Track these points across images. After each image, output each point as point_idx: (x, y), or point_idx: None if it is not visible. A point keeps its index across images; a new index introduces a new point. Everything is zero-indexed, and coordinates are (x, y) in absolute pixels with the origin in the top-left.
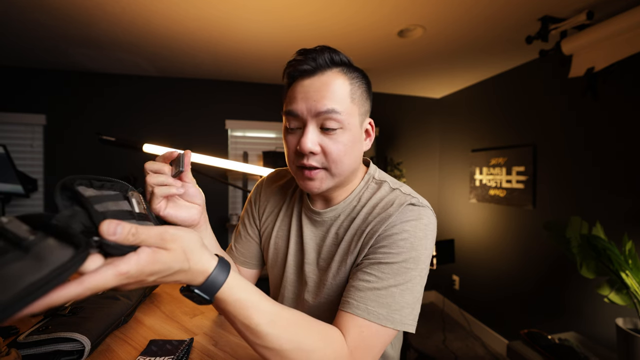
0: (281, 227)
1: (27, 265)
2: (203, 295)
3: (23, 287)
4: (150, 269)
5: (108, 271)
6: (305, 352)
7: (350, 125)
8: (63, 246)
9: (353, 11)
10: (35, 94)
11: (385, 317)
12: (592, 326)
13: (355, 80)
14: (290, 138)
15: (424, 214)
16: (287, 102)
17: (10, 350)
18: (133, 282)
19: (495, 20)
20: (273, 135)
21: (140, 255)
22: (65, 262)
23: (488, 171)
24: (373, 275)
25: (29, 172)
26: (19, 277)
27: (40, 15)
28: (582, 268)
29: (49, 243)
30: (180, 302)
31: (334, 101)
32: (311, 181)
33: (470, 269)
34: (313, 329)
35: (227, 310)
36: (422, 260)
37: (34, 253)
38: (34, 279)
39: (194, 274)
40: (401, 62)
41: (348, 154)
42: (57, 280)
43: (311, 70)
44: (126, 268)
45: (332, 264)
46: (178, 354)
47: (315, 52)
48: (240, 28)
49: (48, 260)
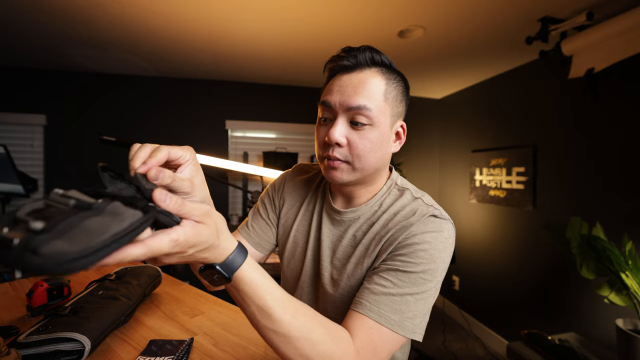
0: (302, 222)
1: (107, 220)
2: (223, 272)
3: (110, 235)
4: (193, 240)
5: (164, 237)
6: (311, 342)
7: (380, 124)
8: (129, 209)
9: (353, 12)
10: (36, 94)
11: (398, 324)
12: (592, 327)
13: (392, 81)
14: (321, 129)
15: (445, 227)
16: (323, 94)
17: (10, 350)
18: (177, 252)
19: (495, 21)
20: (273, 136)
21: (186, 226)
22: (140, 218)
23: (488, 172)
24: (390, 281)
25: (29, 172)
26: (103, 228)
27: (40, 15)
28: (582, 269)
29: (120, 205)
30: (180, 302)
31: (367, 98)
32: (334, 170)
33: (470, 270)
34: (322, 323)
35: (243, 290)
36: (439, 273)
37: (109, 211)
38: (119, 229)
39: (221, 251)
40: (401, 62)
41: (373, 151)
42: (138, 230)
43: (351, 66)
44: (176, 236)
45: (347, 265)
46: (178, 354)
47: (358, 50)
48: (240, 28)
49: (125, 215)
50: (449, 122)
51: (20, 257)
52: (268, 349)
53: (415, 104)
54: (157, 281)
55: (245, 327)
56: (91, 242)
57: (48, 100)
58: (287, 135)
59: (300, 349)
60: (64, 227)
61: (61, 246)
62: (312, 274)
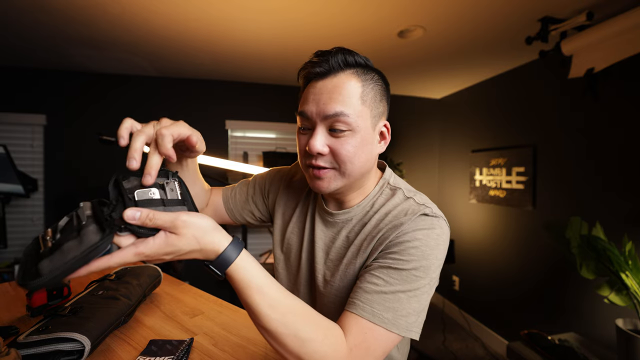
0: (296, 224)
1: (75, 244)
2: (215, 270)
3: (69, 259)
4: (164, 250)
5: (130, 250)
6: (300, 340)
7: (360, 128)
8: (97, 230)
9: (353, 12)
10: (36, 94)
11: (391, 322)
12: (592, 327)
13: (368, 82)
14: (302, 138)
15: (437, 224)
16: (300, 103)
17: (10, 350)
18: (152, 260)
19: (495, 21)
20: (273, 136)
21: (156, 239)
22: (95, 243)
23: (488, 172)
24: (381, 278)
25: (30, 172)
26: (68, 252)
27: (40, 15)
28: (582, 269)
29: (90, 228)
30: (180, 302)
31: (343, 104)
32: (320, 180)
33: (470, 270)
34: (313, 320)
35: (235, 287)
36: (432, 270)
37: (81, 235)
38: (75, 254)
39: (207, 253)
40: (401, 62)
41: (357, 156)
42: (88, 256)
43: (324, 72)
44: (142, 249)
45: (340, 267)
46: (178, 354)
47: (330, 54)
48: (240, 28)
49: (85, 242)
50: (449, 122)
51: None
52: (268, 349)
53: (415, 104)
54: (157, 281)
55: (245, 327)
56: (57, 263)
57: (48, 100)
58: (287, 135)
59: (288, 346)
60: (55, 247)
61: (45, 265)
62: (307, 275)
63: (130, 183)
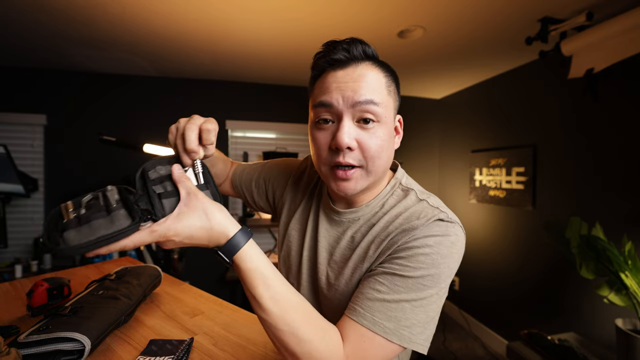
0: (299, 220)
1: (105, 223)
2: (223, 256)
3: (98, 236)
4: (175, 227)
5: (145, 231)
6: (297, 338)
7: (387, 119)
8: (127, 216)
9: (353, 12)
10: (36, 94)
11: (393, 332)
12: (592, 327)
13: (388, 73)
14: (321, 135)
15: (452, 230)
16: (317, 95)
17: (10, 350)
18: (166, 239)
19: (495, 21)
20: (273, 136)
21: (168, 218)
22: (124, 228)
23: (488, 172)
24: (385, 285)
25: (30, 172)
26: (98, 229)
27: (40, 15)
28: (582, 269)
29: (121, 212)
30: (181, 302)
31: (373, 92)
32: (346, 182)
33: (470, 270)
34: (314, 320)
35: (240, 275)
36: (442, 280)
37: (111, 216)
38: (105, 233)
39: (217, 234)
40: (401, 62)
41: (385, 150)
42: (117, 237)
43: (345, 60)
44: (155, 227)
45: (345, 269)
46: (178, 353)
47: (347, 43)
48: (240, 28)
49: (116, 224)
50: (449, 122)
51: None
52: (268, 349)
53: (415, 104)
54: (157, 281)
55: (245, 327)
56: (83, 240)
57: (48, 100)
58: (287, 135)
59: (285, 343)
60: (83, 221)
61: (72, 235)
62: (310, 275)
63: (157, 173)
